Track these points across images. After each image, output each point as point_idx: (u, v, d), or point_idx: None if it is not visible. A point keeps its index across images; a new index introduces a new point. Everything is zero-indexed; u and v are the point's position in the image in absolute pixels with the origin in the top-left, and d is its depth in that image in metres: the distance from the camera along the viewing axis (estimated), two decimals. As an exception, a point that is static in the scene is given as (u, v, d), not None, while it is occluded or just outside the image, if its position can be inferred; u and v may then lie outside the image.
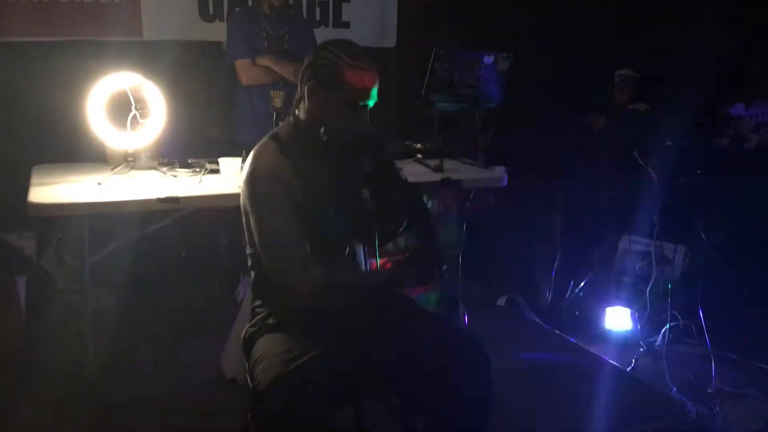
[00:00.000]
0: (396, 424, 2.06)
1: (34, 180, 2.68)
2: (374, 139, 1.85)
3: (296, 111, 1.88)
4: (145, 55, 3.55)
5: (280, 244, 1.76)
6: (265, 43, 3.36)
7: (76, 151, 3.16)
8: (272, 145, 1.85)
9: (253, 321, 1.91)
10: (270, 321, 1.85)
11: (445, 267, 1.79)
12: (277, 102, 3.30)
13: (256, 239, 1.81)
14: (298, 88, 1.86)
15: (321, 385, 1.60)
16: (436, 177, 2.93)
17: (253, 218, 1.80)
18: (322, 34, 4.10)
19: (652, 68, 4.06)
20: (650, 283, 3.42)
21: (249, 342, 1.86)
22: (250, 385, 1.74)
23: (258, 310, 1.93)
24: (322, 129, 1.79)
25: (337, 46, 1.79)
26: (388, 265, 2.20)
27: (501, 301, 3.79)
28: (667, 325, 3.27)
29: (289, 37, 3.39)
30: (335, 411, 1.69)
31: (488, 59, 3.01)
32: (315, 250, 1.80)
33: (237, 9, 3.71)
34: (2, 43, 3.47)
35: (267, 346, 1.76)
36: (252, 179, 1.79)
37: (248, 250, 1.94)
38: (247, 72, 3.33)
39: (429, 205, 3.16)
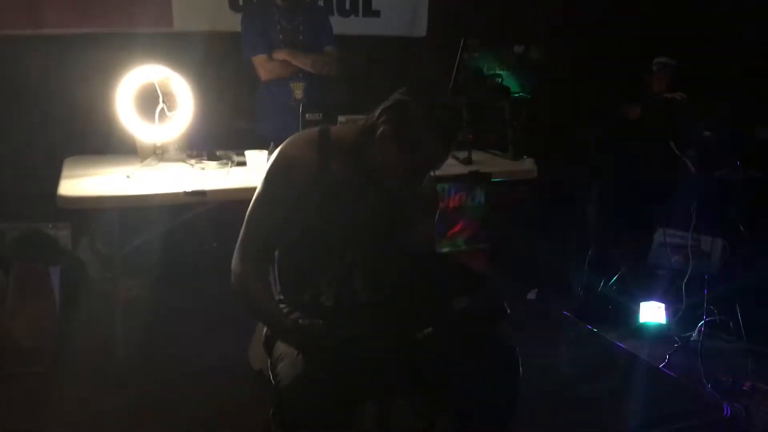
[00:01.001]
0: (419, 422, 2.04)
1: (65, 172, 2.72)
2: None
3: (364, 135, 1.76)
4: (175, 47, 3.55)
5: (245, 227, 1.80)
6: (281, 36, 3.33)
7: (108, 143, 3.19)
8: (314, 137, 1.80)
9: None
10: (291, 317, 1.83)
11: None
12: (298, 94, 3.32)
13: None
14: (375, 116, 1.73)
15: (342, 384, 1.58)
16: (465, 169, 2.89)
17: (254, 199, 1.82)
18: (351, 24, 4.10)
19: (691, 57, 3.95)
20: (686, 277, 3.34)
21: (271, 339, 1.86)
22: (272, 382, 1.73)
23: (281, 305, 1.91)
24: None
25: (430, 106, 1.67)
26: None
27: (531, 295, 3.74)
28: (703, 320, 3.19)
29: (303, 28, 3.37)
30: (356, 409, 1.68)
31: (518, 48, 2.96)
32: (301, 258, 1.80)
33: (251, 3, 3.68)
34: (35, 36, 3.53)
35: (286, 346, 1.75)
36: (276, 157, 1.80)
37: None
38: (264, 67, 3.32)
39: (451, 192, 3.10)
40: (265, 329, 1.92)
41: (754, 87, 3.62)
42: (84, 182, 2.56)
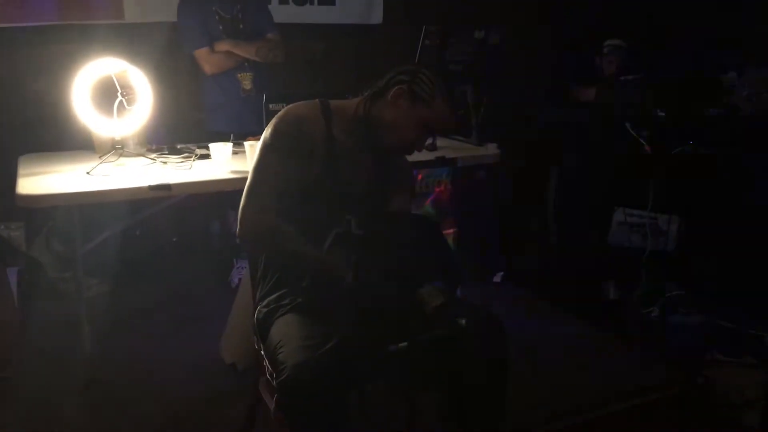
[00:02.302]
0: (401, 404, 2.06)
1: (21, 170, 2.64)
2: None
3: (366, 101, 1.89)
4: (130, 39, 3.49)
5: (255, 177, 1.81)
6: (220, 27, 3.27)
7: (63, 140, 3.10)
8: (316, 103, 1.90)
9: (265, 301, 1.88)
10: (285, 301, 1.84)
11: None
12: (247, 84, 3.29)
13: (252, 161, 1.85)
14: (383, 84, 1.87)
15: (343, 371, 1.60)
16: (431, 156, 2.90)
17: (260, 147, 1.84)
18: (307, 12, 4.07)
19: (642, 37, 4.02)
20: (645, 255, 3.42)
21: (263, 324, 1.84)
22: (270, 369, 1.72)
23: (269, 287, 1.90)
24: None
25: (437, 77, 1.85)
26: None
27: (497, 278, 3.79)
28: (663, 296, 3.28)
29: (242, 16, 3.32)
30: (350, 393, 1.71)
31: (479, 34, 2.97)
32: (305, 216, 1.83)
33: None
34: (-21, 30, 3.40)
35: (286, 329, 1.74)
36: (279, 117, 1.85)
37: None
38: (208, 61, 3.26)
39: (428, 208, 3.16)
40: (255, 314, 1.89)
41: (705, 66, 3.71)
42: (43, 180, 2.49)
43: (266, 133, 1.86)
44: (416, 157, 2.80)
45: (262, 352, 1.82)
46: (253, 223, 1.79)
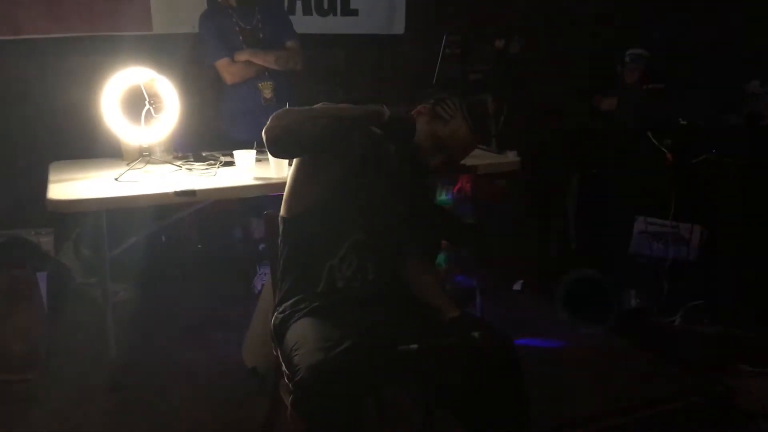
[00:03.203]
0: (418, 412, 2.08)
1: (51, 177, 2.71)
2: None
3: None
4: (158, 49, 3.56)
5: (301, 110, 1.80)
6: (240, 38, 3.33)
7: (92, 147, 3.17)
8: None
9: (281, 307, 1.92)
10: (302, 306, 1.87)
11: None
12: (267, 93, 3.33)
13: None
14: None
15: (358, 372, 1.63)
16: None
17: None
18: (330, 23, 4.12)
19: (665, 47, 4.02)
20: (667, 264, 3.41)
21: (280, 328, 1.87)
22: (287, 372, 1.75)
23: (286, 293, 1.94)
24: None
25: (462, 105, 1.91)
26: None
27: (517, 286, 3.80)
28: (685, 306, 3.27)
29: (262, 26, 3.37)
30: (366, 396, 1.73)
31: (499, 43, 3.00)
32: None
33: (204, 10, 3.58)
34: (16, 41, 3.49)
35: (302, 332, 1.78)
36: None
37: (283, 214, 1.96)
38: (228, 71, 3.32)
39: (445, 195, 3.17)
40: (272, 320, 1.93)
41: (727, 75, 3.70)
42: (73, 186, 2.56)
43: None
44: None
45: (279, 356, 1.85)
46: (280, 117, 1.80)
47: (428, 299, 1.95)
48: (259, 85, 3.36)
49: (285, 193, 1.96)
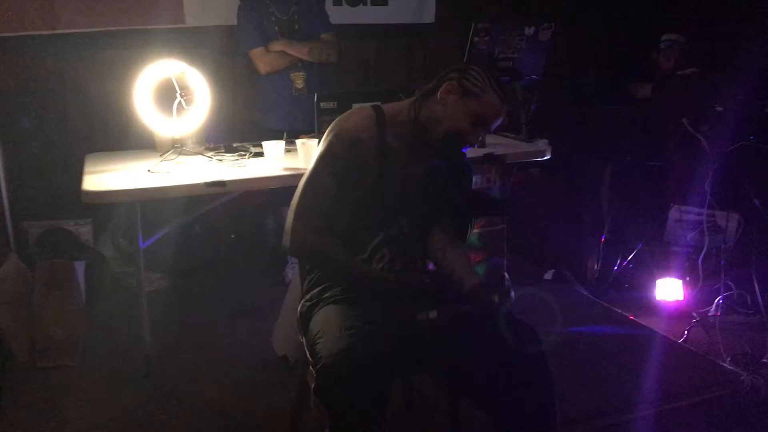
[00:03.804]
0: (444, 400, 2.09)
1: (87, 168, 2.77)
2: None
3: (418, 101, 1.90)
4: (190, 42, 3.61)
5: (309, 196, 1.86)
6: (276, 28, 3.37)
7: (126, 139, 3.25)
8: (371, 113, 1.91)
9: (308, 295, 1.93)
10: (327, 294, 1.89)
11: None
12: (299, 83, 3.36)
13: (301, 180, 1.89)
14: (433, 84, 1.88)
15: (381, 359, 1.63)
16: (479, 152, 2.91)
17: (314, 162, 1.88)
18: (360, 12, 4.12)
19: (700, 31, 3.94)
20: (702, 253, 3.35)
21: (306, 317, 1.89)
22: (311, 360, 1.77)
23: (313, 283, 1.96)
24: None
25: (487, 72, 1.86)
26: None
27: (548, 275, 3.77)
28: (721, 295, 3.21)
29: (298, 17, 3.40)
30: (391, 383, 1.73)
31: (529, 30, 2.96)
32: (356, 228, 1.87)
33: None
34: (53, 36, 3.58)
35: (326, 320, 1.79)
36: (335, 134, 1.86)
37: None
38: (262, 60, 3.35)
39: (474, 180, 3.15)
40: (298, 308, 1.95)
41: (765, 60, 3.60)
42: (107, 177, 2.61)
43: (324, 145, 1.88)
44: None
45: (304, 344, 1.87)
46: (304, 242, 1.86)
47: (452, 270, 1.94)
48: (291, 75, 3.40)
49: None
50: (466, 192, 2.06)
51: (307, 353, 1.81)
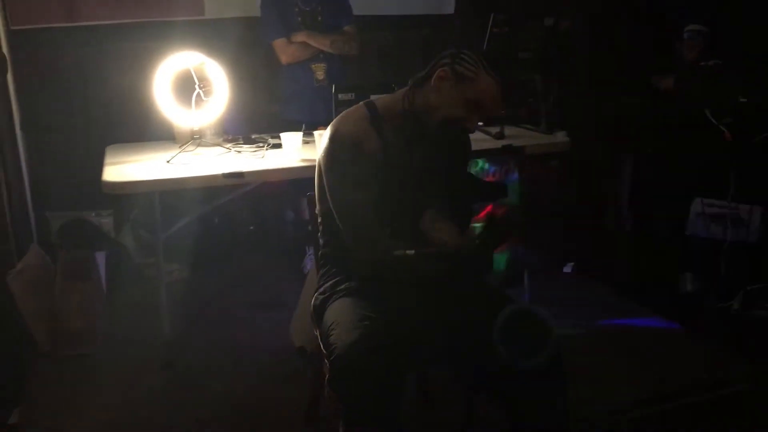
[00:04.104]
0: (459, 390, 2.08)
1: (107, 159, 2.80)
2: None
3: (411, 91, 1.88)
4: (208, 34, 3.62)
5: (355, 214, 1.82)
6: (299, 19, 3.37)
7: (146, 130, 3.27)
8: (364, 112, 1.89)
9: (322, 288, 1.94)
10: (340, 287, 1.89)
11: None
12: (320, 75, 3.36)
13: (330, 203, 1.86)
14: (425, 72, 1.86)
15: (394, 351, 1.63)
16: (498, 144, 2.90)
17: (330, 181, 1.85)
18: (379, 3, 4.10)
19: (724, 22, 3.87)
20: (725, 246, 3.31)
21: (320, 309, 1.90)
22: (324, 352, 1.78)
23: (327, 276, 1.96)
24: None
25: (479, 55, 1.83)
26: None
27: (567, 268, 3.74)
28: (744, 289, 3.17)
29: (321, 9, 3.40)
30: (406, 375, 1.73)
31: (549, 21, 2.93)
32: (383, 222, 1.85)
33: None
34: (73, 28, 3.61)
35: (339, 312, 1.79)
36: (334, 141, 1.84)
37: (318, 209, 1.98)
38: (284, 51, 3.36)
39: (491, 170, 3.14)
40: (312, 301, 1.96)
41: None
42: (127, 168, 2.64)
43: (327, 157, 1.84)
44: (483, 145, 2.85)
45: (319, 336, 1.88)
46: (373, 260, 1.82)
47: (435, 234, 1.91)
48: (312, 66, 3.40)
49: (316, 184, 1.95)
50: (465, 177, 2.04)
51: (321, 345, 1.82)
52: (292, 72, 3.43)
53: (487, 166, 3.30)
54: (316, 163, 1.93)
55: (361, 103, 1.93)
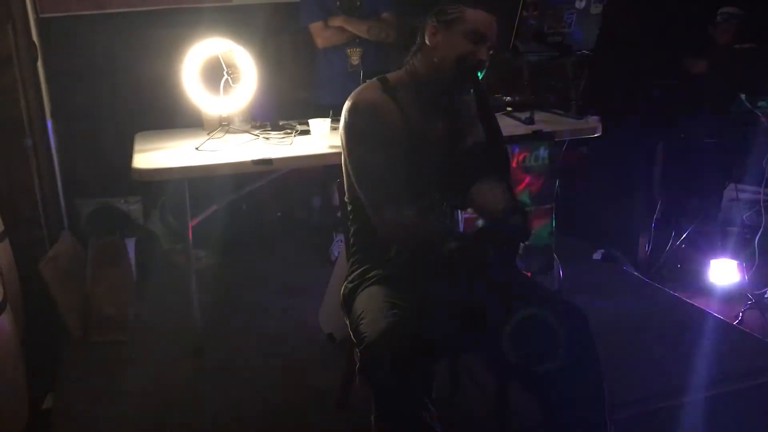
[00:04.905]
0: (491, 378, 2.06)
1: (137, 147, 2.81)
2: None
3: (411, 61, 1.91)
4: (236, 21, 3.61)
5: (378, 179, 1.81)
6: (337, 3, 3.37)
7: (175, 117, 3.28)
8: (377, 84, 1.91)
9: (351, 277, 1.94)
10: (369, 275, 1.88)
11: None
12: (355, 59, 3.35)
13: (352, 175, 1.86)
14: (417, 40, 1.88)
15: (425, 338, 1.63)
16: (527, 129, 2.86)
17: (350, 151, 1.85)
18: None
19: (759, 4, 3.78)
20: (759, 233, 3.25)
21: (349, 298, 1.90)
22: (354, 340, 1.78)
23: (356, 264, 1.96)
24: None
25: None
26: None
27: (597, 255, 3.70)
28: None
29: None
30: (436, 362, 1.72)
31: (580, 3, 2.88)
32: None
33: None
34: (101, 15, 3.63)
35: (368, 301, 1.80)
36: (351, 111, 1.85)
37: (347, 197, 1.97)
38: (321, 35, 3.36)
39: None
40: (341, 290, 1.95)
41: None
42: (156, 155, 2.65)
43: (345, 131, 1.85)
44: (512, 131, 2.82)
45: (348, 325, 1.87)
46: (400, 228, 1.81)
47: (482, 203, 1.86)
48: (348, 51, 3.39)
49: (343, 168, 1.95)
50: (494, 129, 1.93)
51: (351, 334, 1.82)
52: (327, 56, 3.43)
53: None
54: (342, 146, 1.91)
55: (374, 78, 1.94)
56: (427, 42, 1.84)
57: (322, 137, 2.72)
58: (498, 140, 1.90)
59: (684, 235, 3.55)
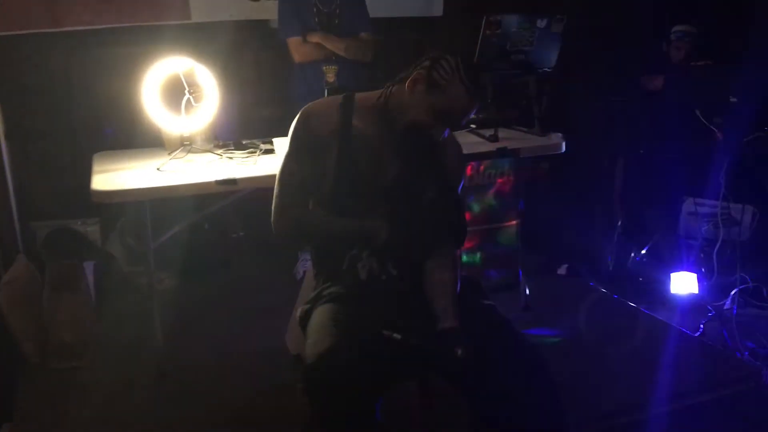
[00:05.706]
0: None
1: (95, 167, 2.74)
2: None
3: (389, 87, 1.86)
4: (197, 39, 3.57)
5: (279, 182, 1.91)
6: (316, 19, 3.36)
7: (134, 137, 3.21)
8: (338, 98, 1.92)
9: (309, 298, 1.91)
10: (324, 294, 1.86)
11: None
12: (330, 77, 3.33)
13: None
14: (407, 72, 1.82)
15: (366, 360, 1.59)
16: (492, 147, 2.88)
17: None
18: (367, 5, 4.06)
19: (712, 23, 3.89)
20: (717, 246, 3.32)
21: (304, 319, 1.87)
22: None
23: (319, 283, 1.93)
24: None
25: (458, 64, 1.76)
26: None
27: (562, 270, 3.74)
28: (736, 288, 3.18)
29: (339, 12, 3.39)
30: (386, 386, 1.68)
31: (541, 22, 2.92)
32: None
33: None
34: (57, 34, 3.54)
35: (318, 320, 1.77)
36: (299, 115, 1.89)
37: None
38: (298, 50, 3.35)
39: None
40: (298, 313, 1.92)
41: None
42: (116, 176, 2.58)
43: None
44: (477, 148, 2.83)
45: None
46: (279, 223, 1.90)
47: (432, 299, 1.83)
48: (324, 68, 3.38)
49: None
50: (450, 192, 1.94)
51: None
52: (303, 72, 3.42)
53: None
54: None
55: (344, 94, 1.94)
56: (407, 83, 1.79)
57: (287, 157, 2.69)
58: (455, 198, 1.95)
59: (645, 249, 3.60)
